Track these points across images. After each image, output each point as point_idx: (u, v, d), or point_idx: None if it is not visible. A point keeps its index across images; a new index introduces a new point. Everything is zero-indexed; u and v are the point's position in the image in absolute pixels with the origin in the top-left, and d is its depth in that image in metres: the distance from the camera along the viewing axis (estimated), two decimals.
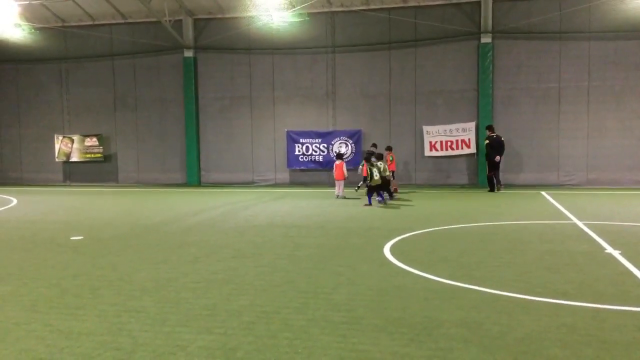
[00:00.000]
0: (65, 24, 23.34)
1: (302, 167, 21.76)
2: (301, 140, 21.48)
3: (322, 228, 10.74)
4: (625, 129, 19.21)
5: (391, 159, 17.62)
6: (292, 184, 21.98)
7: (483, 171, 19.50)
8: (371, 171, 14.57)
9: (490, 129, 18.44)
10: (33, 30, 22.79)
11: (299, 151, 21.55)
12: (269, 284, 6.44)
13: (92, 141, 23.51)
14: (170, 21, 21.18)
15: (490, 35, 19.67)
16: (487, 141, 18.14)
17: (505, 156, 18.58)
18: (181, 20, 22.05)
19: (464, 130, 20.00)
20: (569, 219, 11.48)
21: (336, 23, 21.20)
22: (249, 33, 21.67)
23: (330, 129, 21.43)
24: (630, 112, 19.15)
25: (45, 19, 22.98)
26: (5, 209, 15.06)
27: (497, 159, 18.02)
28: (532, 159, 19.91)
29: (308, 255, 8.07)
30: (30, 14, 22.07)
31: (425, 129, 20.44)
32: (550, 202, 14.81)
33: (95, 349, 4.45)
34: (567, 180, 19.72)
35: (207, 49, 22.35)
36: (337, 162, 17.09)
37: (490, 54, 19.69)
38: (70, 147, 23.72)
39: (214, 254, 8.30)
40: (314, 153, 21.44)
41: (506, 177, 19.78)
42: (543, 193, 17.38)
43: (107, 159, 23.65)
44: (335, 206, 14.61)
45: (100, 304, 5.67)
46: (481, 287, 6.15)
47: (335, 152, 19.92)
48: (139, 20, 22.70)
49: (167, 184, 22.98)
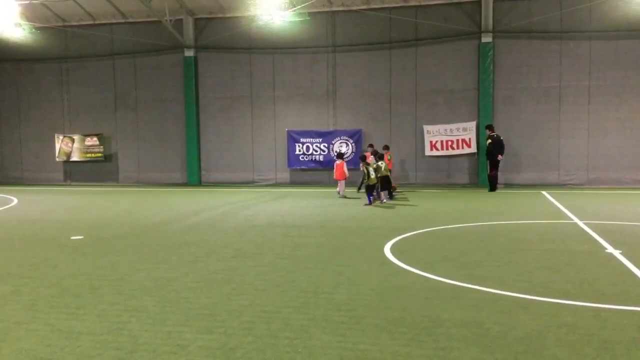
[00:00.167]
0: (66, 24, 23.34)
1: (303, 167, 21.75)
2: (302, 140, 21.48)
3: (322, 228, 10.74)
4: (626, 129, 19.19)
5: (389, 158, 17.63)
6: (292, 183, 21.98)
7: (484, 171, 19.48)
8: (367, 171, 14.64)
9: (491, 128, 18.42)
10: (34, 30, 22.81)
11: (299, 151, 21.55)
12: (269, 283, 6.44)
13: (93, 141, 23.52)
14: (170, 21, 21.17)
15: (491, 34, 19.66)
16: (490, 140, 18.10)
17: (505, 156, 18.58)
18: (182, 19, 22.05)
19: (465, 129, 19.99)
20: (570, 219, 11.47)
21: (337, 22, 21.19)
22: (249, 32, 21.67)
23: (331, 129, 21.42)
24: (631, 112, 19.13)
25: (46, 18, 22.99)
26: (5, 209, 15.07)
27: (499, 158, 18.03)
28: (532, 158, 19.89)
29: (308, 255, 8.07)
30: (30, 13, 22.07)
31: (426, 128, 20.44)
32: (550, 202, 14.80)
33: (96, 348, 4.45)
34: (567, 180, 19.71)
35: (207, 49, 22.35)
36: (338, 161, 17.10)
37: (490, 53, 19.68)
38: (70, 146, 23.72)
39: (214, 253, 8.30)
40: (314, 153, 21.44)
41: (507, 177, 19.79)
42: (544, 192, 17.37)
43: (107, 158, 23.66)
44: (336, 206, 14.61)
45: (100, 304, 5.68)
46: (481, 286, 6.15)
47: (336, 152, 19.91)
48: (139, 20, 22.71)
49: (167, 183, 22.98)
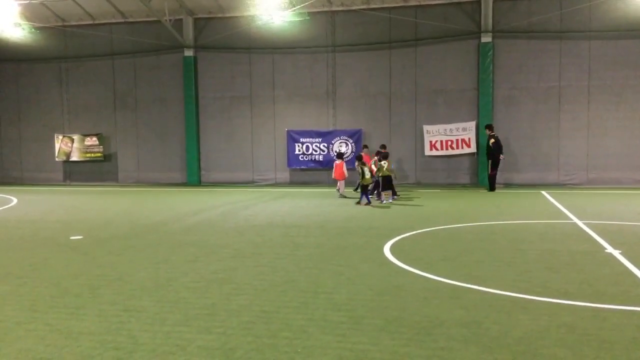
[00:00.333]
0: (66, 23, 23.33)
1: (303, 167, 21.75)
2: (301, 140, 21.47)
3: (322, 228, 10.74)
4: (626, 128, 19.18)
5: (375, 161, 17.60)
6: (292, 183, 21.97)
7: (483, 171, 19.47)
8: (362, 170, 14.74)
9: (491, 128, 18.41)
10: (33, 30, 22.79)
11: (299, 150, 21.54)
12: (268, 283, 6.44)
13: (92, 140, 23.51)
14: (170, 20, 21.17)
15: (491, 34, 19.66)
16: (493, 140, 18.07)
17: (505, 155, 18.56)
18: (181, 19, 22.05)
19: (464, 129, 19.98)
20: (569, 219, 11.48)
21: (336, 22, 21.19)
22: (249, 32, 21.66)
23: (331, 129, 21.42)
24: (630, 111, 19.12)
25: (46, 18, 22.98)
26: (5, 209, 15.06)
27: (502, 157, 18.05)
28: (532, 158, 19.88)
29: (308, 255, 8.07)
30: (30, 13, 22.05)
31: (426, 128, 20.44)
32: (550, 202, 14.80)
33: (95, 348, 4.45)
34: (567, 180, 19.71)
35: (207, 49, 22.34)
36: (337, 161, 17.09)
37: (490, 53, 19.67)
38: (70, 146, 23.72)
39: (214, 253, 8.30)
40: (314, 152, 21.43)
41: (506, 177, 19.79)
42: (543, 192, 17.37)
43: (107, 158, 23.65)
44: (336, 206, 14.61)
45: (100, 304, 5.67)
46: (481, 286, 6.15)
47: (336, 152, 19.90)
48: (139, 20, 22.70)
49: (167, 183, 22.98)
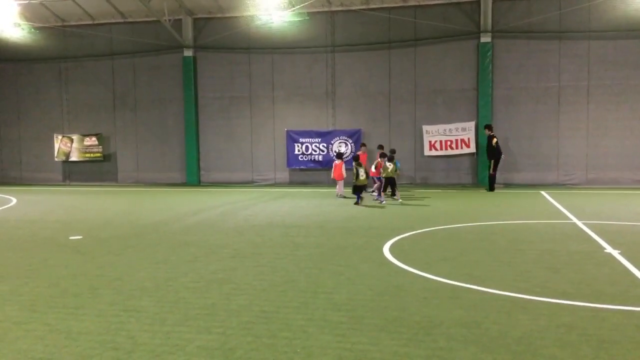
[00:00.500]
0: (65, 24, 23.32)
1: (302, 167, 21.75)
2: (301, 140, 21.47)
3: (321, 228, 10.74)
4: (625, 128, 19.19)
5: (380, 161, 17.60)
6: (291, 183, 21.97)
7: (483, 170, 19.48)
8: (357, 171, 14.71)
9: (491, 128, 18.43)
10: (32, 30, 22.79)
11: (298, 151, 21.54)
12: (268, 283, 6.44)
13: (92, 141, 23.50)
14: (169, 20, 21.17)
15: (490, 34, 19.66)
16: (495, 139, 18.09)
17: (504, 155, 18.55)
18: (181, 19, 22.05)
19: (464, 129, 19.99)
20: (569, 219, 11.48)
21: (336, 22, 21.19)
22: (248, 32, 21.66)
23: (330, 129, 21.42)
24: (630, 112, 19.13)
25: (45, 18, 22.97)
26: (4, 209, 15.05)
27: (502, 157, 18.08)
28: (531, 158, 19.88)
29: (307, 255, 8.07)
30: (29, 13, 22.05)
31: (425, 128, 20.44)
32: (549, 202, 14.81)
33: (94, 348, 4.45)
34: (566, 180, 19.71)
35: (206, 49, 22.34)
36: (337, 161, 17.08)
37: (489, 53, 19.68)
38: (69, 146, 23.71)
39: (214, 253, 8.30)
40: (313, 152, 21.43)
41: (505, 177, 19.79)
42: (542, 192, 17.38)
43: (106, 158, 23.64)
44: (335, 206, 14.61)
45: (99, 304, 5.67)
46: (480, 286, 6.16)
47: (335, 152, 19.91)
48: (138, 20, 22.68)
49: (166, 183, 22.97)
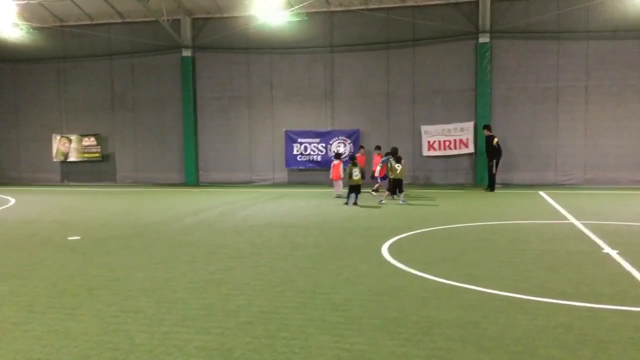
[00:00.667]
0: (64, 24, 23.30)
1: (301, 167, 21.74)
2: (299, 140, 21.47)
3: (320, 228, 10.73)
4: (623, 129, 19.20)
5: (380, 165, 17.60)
6: (290, 183, 21.96)
7: (481, 171, 19.50)
8: (350, 171, 14.74)
9: (490, 128, 18.44)
10: (31, 30, 22.70)
11: (297, 151, 21.54)
12: (266, 284, 6.44)
13: (90, 141, 23.48)
14: (168, 21, 21.15)
15: (489, 35, 19.66)
16: (496, 139, 18.12)
17: (503, 155, 18.58)
18: (179, 19, 22.04)
19: (462, 130, 20.00)
20: (567, 219, 11.49)
21: (335, 23, 21.19)
22: (247, 33, 21.65)
23: (329, 129, 21.41)
24: (628, 112, 19.15)
25: (44, 18, 22.94)
26: (3, 209, 15.03)
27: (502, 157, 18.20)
28: (530, 158, 19.89)
29: (306, 255, 8.07)
30: (28, 13, 21.99)
31: (424, 128, 20.45)
32: (548, 202, 14.82)
33: (92, 349, 4.45)
34: (565, 180, 19.73)
35: (205, 49, 22.33)
36: (335, 161, 17.08)
37: (488, 53, 19.69)
38: (68, 146, 23.68)
39: (212, 254, 8.29)
40: (312, 153, 21.43)
41: (504, 177, 19.78)
42: (541, 193, 17.38)
43: (105, 158, 23.62)
44: (334, 206, 14.60)
45: (97, 304, 5.67)
46: (479, 286, 6.16)
47: (334, 152, 19.91)
48: (137, 20, 22.66)
49: (165, 183, 22.95)
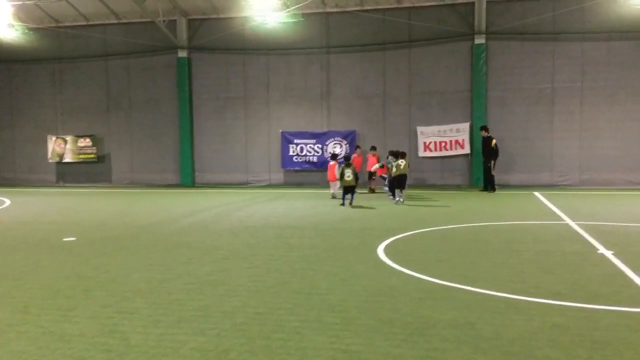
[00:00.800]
0: (59, 24, 23.24)
1: (297, 168, 21.74)
2: (295, 141, 21.47)
3: (316, 229, 10.73)
4: (618, 130, 19.28)
5: (380, 164, 17.60)
6: (286, 184, 21.95)
7: (477, 172, 19.55)
8: (343, 171, 14.77)
9: (487, 129, 18.49)
10: (26, 31, 22.66)
11: (293, 152, 21.54)
12: (262, 285, 6.44)
13: (86, 142, 23.41)
14: (164, 21, 21.12)
15: (484, 36, 19.72)
16: (494, 140, 18.17)
17: (499, 156, 18.64)
18: (175, 20, 22.01)
19: (458, 130, 20.04)
20: (562, 220, 11.52)
21: (330, 24, 21.21)
22: (243, 34, 21.64)
23: (325, 130, 21.42)
24: (623, 113, 19.22)
25: (39, 19, 22.88)
26: None
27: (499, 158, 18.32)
28: (525, 159, 19.95)
29: (302, 256, 8.07)
30: (23, 14, 21.96)
31: (420, 129, 20.48)
32: (543, 203, 14.86)
33: (88, 350, 4.44)
34: (560, 181, 19.78)
35: (201, 50, 22.31)
36: (331, 162, 17.09)
37: (483, 54, 19.73)
38: (63, 147, 23.61)
39: (208, 255, 8.28)
40: (308, 154, 21.43)
41: (499, 177, 19.79)
42: (536, 193, 17.42)
43: (100, 159, 23.56)
44: (330, 207, 14.60)
45: (92, 306, 5.65)
46: (474, 287, 6.17)
47: (330, 153, 19.92)
48: (133, 21, 22.63)
49: (160, 184, 22.90)
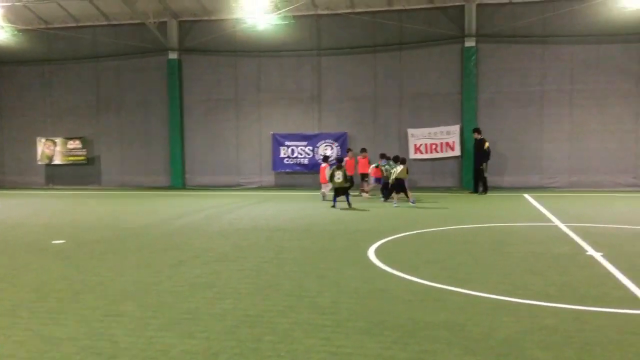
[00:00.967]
0: (49, 26, 23.09)
1: (288, 170, 21.73)
2: (286, 143, 21.47)
3: (307, 231, 10.73)
4: (607, 132, 19.44)
5: (376, 164, 17.65)
6: (277, 186, 21.92)
7: (467, 174, 19.64)
8: (333, 173, 14.77)
9: (479, 131, 18.59)
10: (16, 32, 22.48)
11: (284, 154, 21.53)
12: (252, 287, 6.42)
13: (75, 144, 23.27)
14: (154, 23, 21.05)
15: (474, 39, 19.83)
16: (487, 143, 18.27)
17: (490, 158, 18.75)
18: (166, 22, 21.94)
19: (448, 133, 20.13)
20: (552, 222, 11.59)
21: (321, 26, 21.24)
22: (234, 35, 21.61)
23: (316, 132, 21.43)
24: (612, 116, 19.39)
25: (28, 20, 22.71)
26: None
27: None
28: (515, 161, 20.06)
29: (292, 259, 8.05)
30: (13, 15, 21.79)
31: (410, 131, 20.54)
32: (533, 205, 14.94)
33: (77, 353, 4.40)
34: (549, 183, 19.91)
35: (192, 51, 22.25)
36: (323, 164, 17.10)
37: (474, 57, 19.84)
38: (52, 149, 23.45)
39: (198, 257, 8.25)
40: (299, 156, 21.43)
41: (489, 180, 19.90)
42: (526, 195, 17.52)
43: (90, 161, 23.41)
44: (321, 209, 14.61)
45: (81, 309, 5.61)
46: (464, 289, 6.19)
47: (321, 155, 19.93)
48: (123, 22, 22.55)
49: (151, 187, 22.79)
